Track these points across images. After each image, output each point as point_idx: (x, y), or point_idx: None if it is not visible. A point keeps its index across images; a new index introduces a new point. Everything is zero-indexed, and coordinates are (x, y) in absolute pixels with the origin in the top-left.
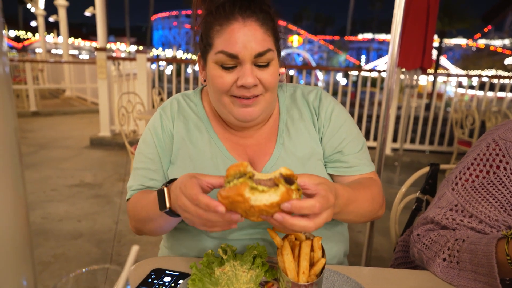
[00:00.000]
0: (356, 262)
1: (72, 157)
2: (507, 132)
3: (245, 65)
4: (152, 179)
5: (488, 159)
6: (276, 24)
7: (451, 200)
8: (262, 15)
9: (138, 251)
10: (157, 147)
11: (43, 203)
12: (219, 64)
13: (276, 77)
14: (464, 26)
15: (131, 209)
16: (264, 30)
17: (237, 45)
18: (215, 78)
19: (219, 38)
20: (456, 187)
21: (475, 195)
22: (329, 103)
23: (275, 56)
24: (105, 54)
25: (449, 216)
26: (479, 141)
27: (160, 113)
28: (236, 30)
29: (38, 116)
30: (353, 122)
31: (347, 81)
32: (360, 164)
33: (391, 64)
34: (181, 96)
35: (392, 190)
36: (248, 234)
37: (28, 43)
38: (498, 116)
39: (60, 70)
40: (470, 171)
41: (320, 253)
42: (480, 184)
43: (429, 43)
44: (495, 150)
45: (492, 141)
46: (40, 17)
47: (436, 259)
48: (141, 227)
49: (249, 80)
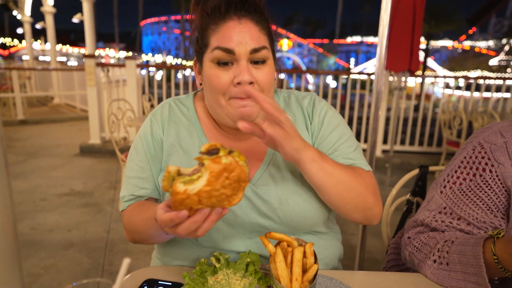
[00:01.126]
0: (350, 265)
1: (61, 166)
2: (492, 135)
3: (241, 62)
4: (142, 188)
5: (474, 162)
6: (270, 25)
7: (440, 202)
8: (256, 15)
9: (129, 263)
10: (147, 154)
11: (32, 213)
12: (215, 62)
13: (271, 77)
14: (450, 28)
15: (128, 222)
16: (259, 29)
17: (233, 40)
18: (211, 77)
19: (215, 36)
20: (445, 189)
21: (463, 198)
22: (322, 107)
23: (270, 56)
24: (94, 61)
25: (438, 219)
26: (466, 144)
27: (151, 119)
28: (232, 27)
29: (26, 124)
30: (346, 126)
31: (337, 84)
32: (355, 163)
33: (379, 67)
34: (172, 100)
35: (384, 192)
36: (240, 243)
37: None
38: (485, 116)
39: (48, 77)
40: (458, 174)
41: (313, 259)
42: (467, 186)
43: (416, 46)
44: (481, 153)
45: (478, 144)
46: (26, 24)
47: (427, 261)
48: (139, 241)
49: (245, 77)
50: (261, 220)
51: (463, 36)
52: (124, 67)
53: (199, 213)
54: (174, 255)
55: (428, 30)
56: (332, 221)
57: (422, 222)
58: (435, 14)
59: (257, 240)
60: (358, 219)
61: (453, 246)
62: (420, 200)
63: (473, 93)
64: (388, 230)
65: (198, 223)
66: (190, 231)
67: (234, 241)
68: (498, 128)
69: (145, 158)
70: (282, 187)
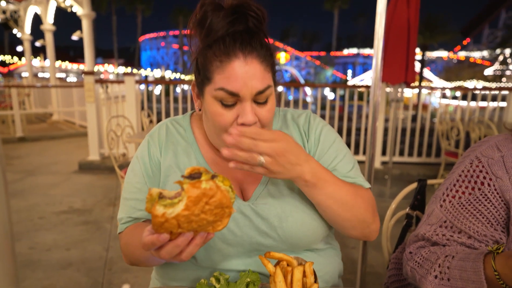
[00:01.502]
0: (351, 280)
1: (60, 183)
2: (489, 149)
3: (246, 103)
4: (139, 210)
5: (472, 176)
6: (275, 58)
7: (440, 216)
8: (262, 51)
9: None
10: (144, 176)
11: (30, 233)
12: (218, 100)
13: (272, 112)
14: (445, 39)
15: (124, 245)
16: (264, 67)
17: (238, 83)
18: (215, 115)
19: (219, 74)
20: (444, 203)
21: (463, 211)
22: (317, 124)
23: (273, 91)
24: (93, 78)
25: (439, 233)
26: (463, 157)
27: (148, 140)
28: (237, 68)
29: (24, 141)
30: (342, 142)
31: (335, 96)
32: (354, 178)
33: (375, 79)
34: (169, 121)
35: (384, 204)
36: (240, 262)
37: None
38: (481, 126)
39: (47, 94)
40: (456, 187)
41: (313, 279)
42: (466, 200)
43: (412, 58)
44: (478, 167)
45: (475, 158)
46: (26, 41)
47: (428, 277)
48: (136, 263)
49: (249, 118)
50: (260, 238)
51: (458, 46)
52: (123, 83)
53: (182, 236)
54: (174, 276)
55: (423, 42)
56: (331, 237)
57: (423, 236)
58: (430, 26)
59: (256, 259)
60: (356, 235)
61: (453, 261)
62: (420, 214)
63: (469, 103)
64: (388, 245)
65: (181, 247)
66: (173, 255)
67: (234, 260)
68: (494, 142)
69: (142, 180)
70: (281, 205)
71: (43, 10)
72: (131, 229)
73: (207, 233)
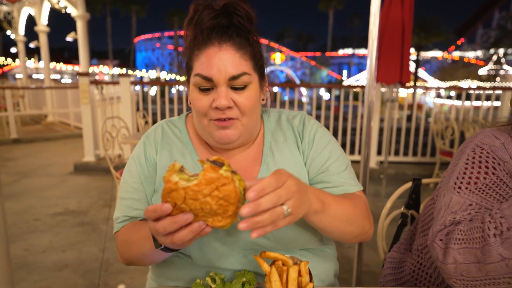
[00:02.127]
0: (347, 279)
1: (55, 185)
2: (487, 137)
3: (220, 88)
4: (136, 209)
5: (480, 161)
6: (256, 48)
7: (463, 201)
8: (238, 39)
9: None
10: (140, 176)
11: (26, 235)
12: (196, 86)
13: (253, 101)
14: (439, 40)
15: (121, 244)
16: (240, 54)
17: (212, 68)
18: (194, 100)
19: (197, 61)
20: (461, 190)
21: (484, 195)
22: (312, 126)
23: (253, 80)
24: (88, 79)
25: (471, 212)
26: (462, 148)
27: (144, 141)
28: (212, 54)
29: (19, 143)
30: (336, 143)
31: (330, 96)
32: (345, 184)
33: (370, 80)
34: (165, 122)
35: (380, 203)
36: (235, 261)
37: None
38: (476, 126)
39: (41, 95)
40: (468, 174)
41: (308, 278)
42: (484, 185)
43: (406, 59)
44: (483, 153)
45: (476, 146)
46: (20, 43)
47: (490, 240)
48: (133, 262)
49: (223, 102)
50: (255, 239)
51: (452, 46)
52: (118, 84)
53: (181, 215)
54: (169, 276)
55: (417, 42)
56: (327, 238)
57: (451, 222)
58: (424, 26)
59: (251, 258)
60: (354, 241)
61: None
62: (415, 213)
63: (464, 102)
64: (384, 244)
65: (177, 225)
66: (167, 231)
67: (229, 259)
68: (489, 132)
69: (138, 180)
70: None
71: (37, 11)
72: (128, 227)
73: (205, 225)
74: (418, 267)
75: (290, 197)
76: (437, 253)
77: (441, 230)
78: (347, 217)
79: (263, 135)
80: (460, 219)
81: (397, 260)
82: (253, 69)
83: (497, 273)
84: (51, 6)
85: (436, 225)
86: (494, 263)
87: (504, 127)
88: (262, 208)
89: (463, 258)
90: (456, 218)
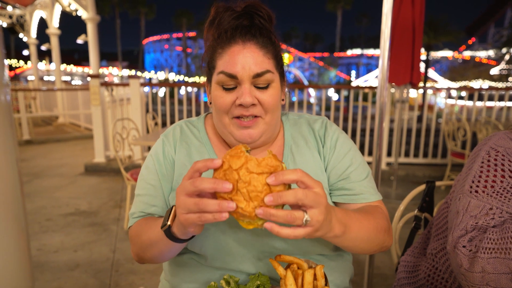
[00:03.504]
0: (359, 281)
1: (66, 185)
2: (501, 140)
3: (244, 85)
4: (153, 206)
5: (496, 164)
6: (278, 48)
7: (482, 205)
8: (261, 39)
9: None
10: (158, 173)
11: (38, 235)
12: (220, 84)
13: (276, 99)
14: (449, 39)
15: (134, 235)
16: (263, 53)
17: (236, 66)
18: (216, 98)
19: (221, 60)
20: (478, 194)
21: (502, 198)
22: (334, 131)
23: (276, 79)
24: (98, 81)
25: (493, 217)
26: (476, 151)
27: (163, 139)
28: (236, 52)
29: (31, 144)
30: (357, 151)
31: (339, 97)
32: (365, 192)
33: (381, 80)
34: (184, 122)
35: (390, 205)
36: (250, 264)
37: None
38: (489, 127)
39: (52, 97)
40: (484, 177)
41: (323, 282)
42: (501, 188)
43: (417, 59)
44: (498, 156)
45: (490, 148)
46: (32, 45)
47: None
48: (142, 254)
49: (247, 99)
50: (272, 241)
51: (463, 46)
52: (128, 86)
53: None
54: (184, 277)
55: (427, 42)
56: None
57: (473, 227)
58: (433, 26)
59: (267, 261)
60: (370, 253)
61: None
62: (428, 216)
63: (475, 103)
64: (396, 247)
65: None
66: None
67: (244, 262)
68: (503, 134)
69: (156, 177)
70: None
71: (49, 14)
72: (144, 219)
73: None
74: (434, 272)
75: (315, 206)
76: (460, 260)
77: (463, 236)
78: (368, 236)
79: (282, 137)
80: (483, 224)
81: (411, 264)
82: (275, 68)
83: None
84: (62, 9)
85: (457, 230)
86: None
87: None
88: (282, 200)
89: (493, 268)
90: (479, 223)
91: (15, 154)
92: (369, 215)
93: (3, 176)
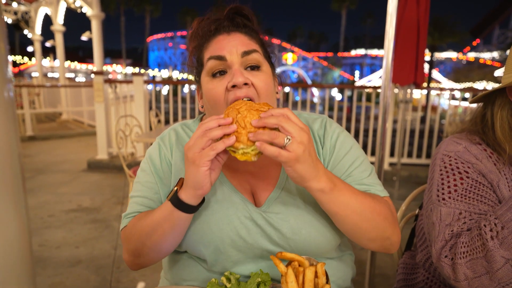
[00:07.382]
0: (360, 281)
1: (69, 181)
2: (449, 146)
3: (234, 66)
4: (148, 207)
5: (452, 169)
6: (263, 41)
7: (452, 212)
8: (245, 29)
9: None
10: (155, 176)
11: (40, 230)
12: (210, 74)
13: (267, 84)
14: (454, 40)
15: (128, 232)
16: (248, 38)
17: (224, 49)
18: (209, 92)
19: (208, 50)
20: (445, 202)
21: (467, 200)
22: (333, 131)
23: (265, 63)
24: (102, 78)
25: (465, 221)
26: (432, 163)
27: (159, 143)
28: (221, 39)
29: (34, 140)
30: (359, 149)
31: (342, 97)
32: (370, 188)
33: (385, 80)
34: (179, 126)
35: None
36: (250, 268)
37: (24, 68)
38: None
39: (56, 93)
40: (446, 184)
41: (324, 279)
42: (463, 189)
43: (421, 59)
44: (451, 160)
45: (443, 155)
46: (37, 42)
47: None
48: (141, 247)
49: (239, 79)
50: (271, 247)
51: (467, 47)
52: (132, 83)
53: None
54: (183, 275)
55: (432, 43)
56: (345, 244)
57: (451, 235)
58: (438, 26)
59: (266, 264)
60: (375, 248)
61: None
62: None
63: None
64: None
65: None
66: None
67: (244, 266)
68: (449, 140)
69: (153, 179)
70: (295, 216)
71: (53, 11)
72: (139, 214)
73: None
74: (431, 279)
75: (295, 134)
76: (447, 272)
77: (444, 246)
78: (361, 209)
79: None
80: (458, 230)
81: (410, 266)
82: (262, 55)
83: (508, 278)
84: (67, 5)
85: (437, 242)
86: (500, 268)
87: (460, 134)
88: (264, 121)
89: (472, 272)
90: (454, 230)
91: (18, 150)
92: (368, 195)
93: (5, 171)
